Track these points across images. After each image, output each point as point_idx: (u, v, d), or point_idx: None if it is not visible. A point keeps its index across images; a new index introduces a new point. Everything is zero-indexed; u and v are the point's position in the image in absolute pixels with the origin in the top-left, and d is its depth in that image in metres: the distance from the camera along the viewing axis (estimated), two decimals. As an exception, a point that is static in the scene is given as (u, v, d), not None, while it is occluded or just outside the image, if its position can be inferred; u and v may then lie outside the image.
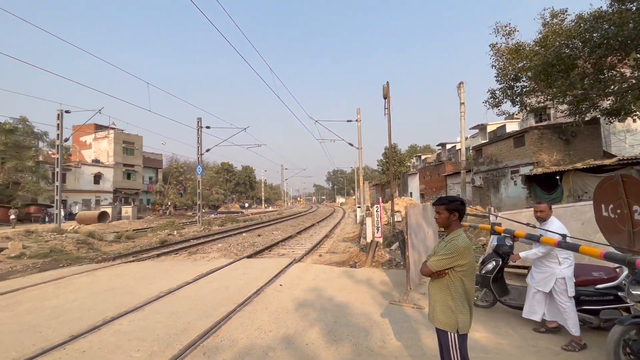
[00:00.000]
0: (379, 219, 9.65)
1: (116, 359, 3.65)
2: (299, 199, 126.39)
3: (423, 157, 56.10)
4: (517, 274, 6.46)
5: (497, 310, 4.88)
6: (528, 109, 17.56)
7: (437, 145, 53.05)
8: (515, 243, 4.79)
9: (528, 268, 4.76)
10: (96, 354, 3.78)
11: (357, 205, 27.33)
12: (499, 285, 4.80)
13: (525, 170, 19.57)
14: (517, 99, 16.89)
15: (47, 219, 28.40)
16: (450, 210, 2.51)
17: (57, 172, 19.21)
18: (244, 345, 3.93)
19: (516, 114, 21.24)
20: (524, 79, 16.33)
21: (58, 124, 19.04)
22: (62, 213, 22.71)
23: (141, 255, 11.45)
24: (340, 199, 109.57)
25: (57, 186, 19.24)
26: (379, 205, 9.76)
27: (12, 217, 24.13)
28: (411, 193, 45.30)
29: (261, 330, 4.39)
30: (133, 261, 10.19)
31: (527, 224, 5.08)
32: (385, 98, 12.16)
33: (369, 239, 9.71)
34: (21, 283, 7.51)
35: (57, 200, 19.20)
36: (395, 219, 15.01)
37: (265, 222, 26.11)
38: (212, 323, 4.62)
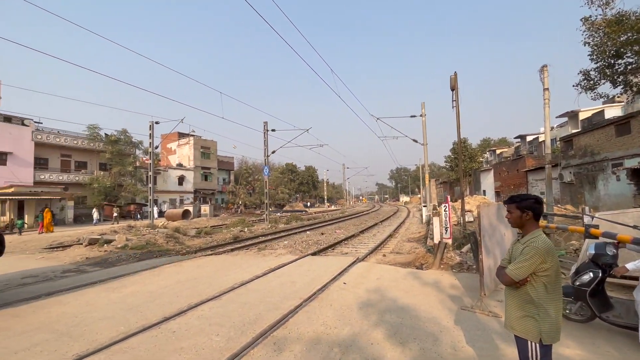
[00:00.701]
0: (447, 219, 9.08)
1: (200, 340, 4.09)
2: (361, 197, 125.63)
3: (498, 151, 51.05)
4: (623, 285, 5.47)
5: (596, 325, 4.21)
6: (634, 89, 14.72)
7: (515, 138, 47.74)
8: (619, 250, 4.03)
9: (637, 278, 4.00)
10: (184, 335, 4.29)
11: (423, 205, 26.09)
12: (599, 299, 4.07)
13: (631, 163, 16.45)
14: (620, 79, 14.28)
15: (139, 216, 33.33)
16: (523, 209, 2.27)
17: (150, 175, 22.24)
18: (310, 338, 4.07)
19: (618, 96, 17.97)
20: (629, 54, 13.74)
21: (150, 134, 22.01)
22: (155, 211, 26.25)
23: (218, 249, 12.62)
24: (404, 198, 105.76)
25: (150, 187, 22.26)
26: (447, 205, 9.18)
27: (115, 214, 28.88)
28: (484, 191, 41.56)
29: (326, 325, 4.49)
30: (211, 254, 11.28)
31: (635, 227, 4.28)
32: (453, 90, 11.39)
33: (436, 240, 9.21)
34: (125, 270, 8.87)
35: (150, 199, 22.20)
36: (466, 219, 13.94)
37: (328, 220, 26.52)
38: (280, 315, 4.88)
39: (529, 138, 41.57)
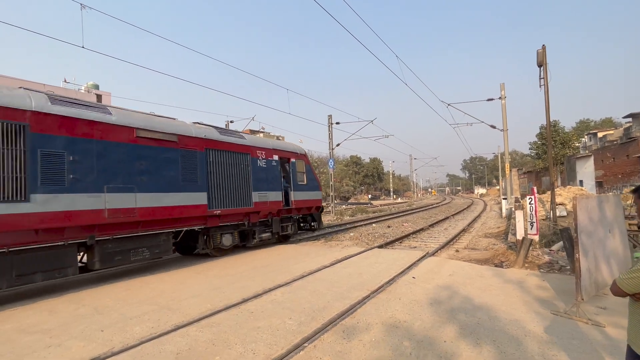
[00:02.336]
0: (533, 212, 8.11)
1: (274, 321, 4.40)
2: (429, 190, 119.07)
3: (600, 134, 43.40)
4: None
5: None
6: None
7: (625, 117, 39.94)
8: None
9: None
10: (260, 316, 4.65)
11: (502, 197, 23.68)
12: None
13: None
14: None
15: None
16: None
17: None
18: (379, 330, 4.05)
19: None
20: None
21: (226, 132, 24.14)
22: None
23: (288, 240, 13.32)
24: (479, 190, 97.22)
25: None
26: (533, 197, 8.18)
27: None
28: (581, 181, 35.76)
29: (395, 319, 4.42)
30: (281, 244, 11.95)
31: None
32: (540, 66, 10.01)
33: (519, 236, 8.30)
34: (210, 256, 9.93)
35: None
36: (558, 214, 12.22)
37: (394, 213, 25.85)
38: (348, 305, 4.96)
39: (644, 117, 34.40)
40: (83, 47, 8.69)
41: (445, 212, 26.91)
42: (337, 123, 23.52)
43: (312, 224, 13.17)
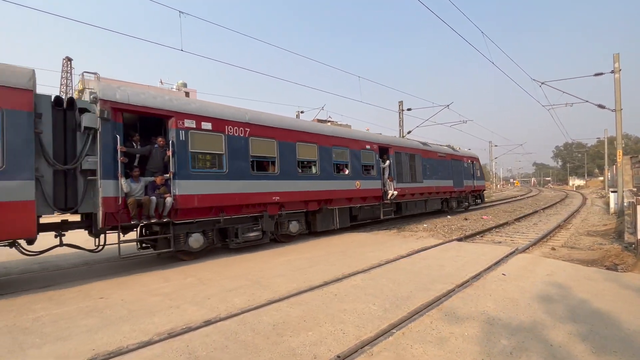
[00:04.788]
0: (661, 207, 6.75)
1: (359, 306, 4.51)
2: (511, 180, 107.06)
3: None
4: None
5: None
6: None
7: None
8: None
9: None
10: (344, 299, 4.82)
11: (610, 190, 20.16)
12: None
13: None
14: None
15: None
16: None
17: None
18: (471, 325, 3.86)
19: None
20: None
21: (297, 123, 25.05)
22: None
23: (359, 229, 13.41)
24: (575, 181, 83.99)
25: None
26: (661, 189, 6.77)
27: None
28: None
29: (487, 315, 4.15)
30: (353, 232, 12.09)
31: None
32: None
33: (640, 235, 6.99)
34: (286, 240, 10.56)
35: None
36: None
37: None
38: (432, 297, 4.82)
39: None
40: (182, 50, 9.81)
41: (532, 205, 23.97)
42: (409, 109, 22.52)
43: (477, 200, 22.30)
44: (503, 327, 3.82)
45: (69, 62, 25.78)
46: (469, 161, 20.27)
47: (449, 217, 16.84)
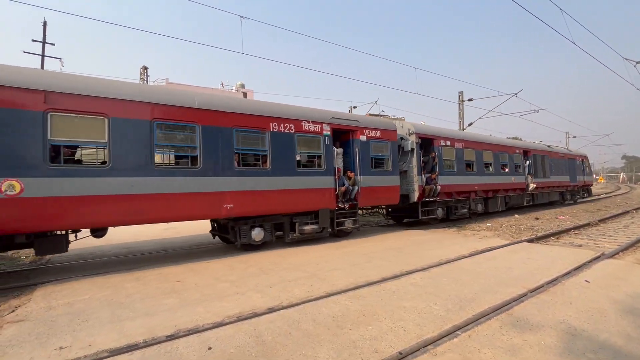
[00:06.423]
0: None
1: (419, 304, 4.39)
2: (594, 176, 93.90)
3: None
4: None
5: None
6: None
7: None
8: None
9: None
10: (403, 296, 4.72)
11: None
12: None
13: None
14: None
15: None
16: None
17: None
18: (549, 334, 3.52)
19: None
20: None
21: (349, 118, 24.98)
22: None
23: (414, 226, 12.99)
24: (678, 178, 70.70)
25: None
26: None
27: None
28: None
29: (568, 324, 3.74)
30: (407, 230, 11.73)
31: None
32: None
33: None
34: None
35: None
36: None
37: (543, 203, 21.58)
38: (500, 300, 4.49)
39: None
40: (243, 52, 10.38)
41: (621, 204, 20.81)
42: (470, 100, 21.00)
43: (585, 194, 24.47)
44: (588, 339, 3.42)
45: (145, 71, 28.91)
46: (580, 159, 23.23)
47: (516, 215, 15.43)
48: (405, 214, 12.95)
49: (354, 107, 24.74)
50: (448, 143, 13.04)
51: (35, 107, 5.60)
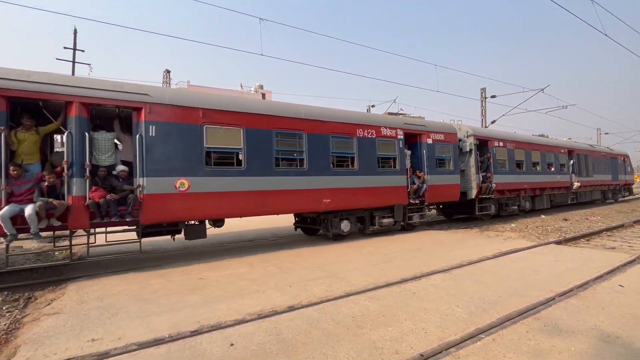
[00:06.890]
0: None
1: (441, 306, 4.31)
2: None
3: None
4: None
5: None
6: None
7: None
8: None
9: None
10: (423, 298, 4.65)
11: None
12: None
13: None
14: None
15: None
16: None
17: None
18: (580, 340, 3.36)
19: None
20: None
21: (368, 118, 24.82)
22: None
23: (434, 225, 12.72)
24: None
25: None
26: None
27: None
28: None
29: (601, 330, 3.56)
30: (428, 229, 11.52)
31: None
32: None
33: None
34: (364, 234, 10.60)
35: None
36: None
37: (572, 203, 20.61)
38: (527, 304, 4.33)
39: None
40: (262, 54, 10.54)
41: (659, 205, 19.58)
42: (493, 96, 20.34)
43: (625, 193, 24.58)
44: (622, 346, 3.24)
45: (168, 74, 29.83)
46: (622, 159, 23.50)
47: (543, 216, 14.84)
48: (456, 210, 13.79)
49: (372, 106, 24.54)
50: (501, 144, 13.68)
51: (197, 122, 7.09)
